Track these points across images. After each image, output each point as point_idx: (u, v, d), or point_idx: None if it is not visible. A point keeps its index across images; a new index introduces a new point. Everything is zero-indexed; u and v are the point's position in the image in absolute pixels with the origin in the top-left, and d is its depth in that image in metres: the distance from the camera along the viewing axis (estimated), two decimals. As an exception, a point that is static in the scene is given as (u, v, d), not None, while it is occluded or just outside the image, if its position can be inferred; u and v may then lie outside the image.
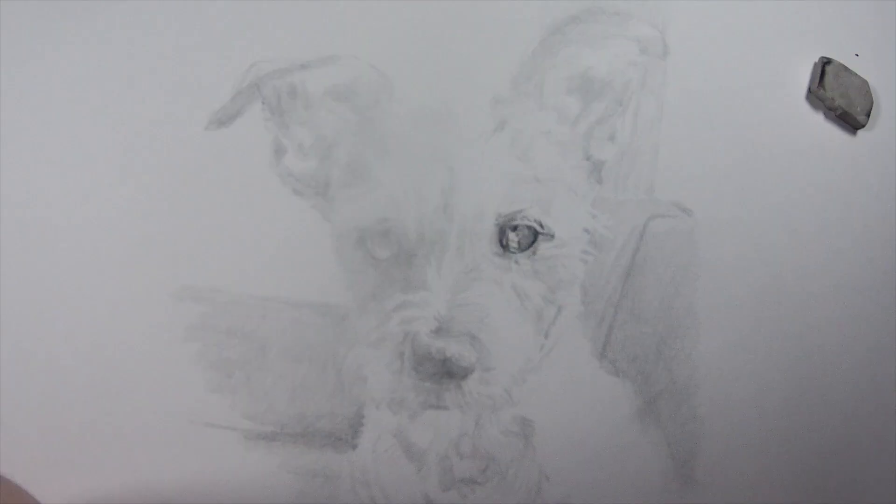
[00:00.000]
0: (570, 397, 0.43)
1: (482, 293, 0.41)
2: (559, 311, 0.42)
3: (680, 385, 0.44)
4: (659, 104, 0.43)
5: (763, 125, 0.44)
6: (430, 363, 0.40)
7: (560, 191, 0.42)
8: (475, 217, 0.41)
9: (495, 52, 0.42)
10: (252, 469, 0.41)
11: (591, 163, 0.42)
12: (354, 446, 0.41)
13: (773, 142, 0.44)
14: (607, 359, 0.43)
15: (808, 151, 0.45)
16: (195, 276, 0.40)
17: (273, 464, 0.41)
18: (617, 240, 0.43)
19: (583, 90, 0.42)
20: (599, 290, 0.43)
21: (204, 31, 0.40)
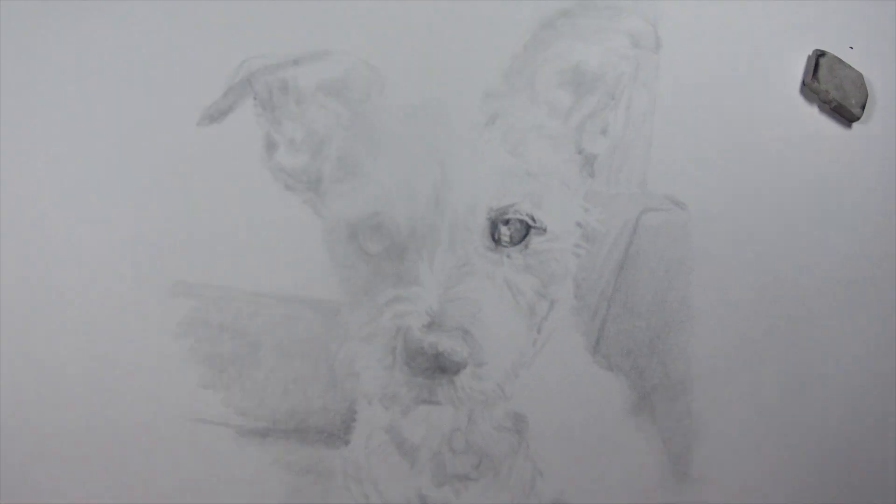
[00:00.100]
0: (564, 392, 0.43)
1: (474, 288, 0.40)
2: (552, 306, 0.42)
3: (674, 380, 0.43)
4: (651, 97, 0.43)
5: (757, 118, 0.44)
6: (422, 358, 0.40)
7: (552, 185, 0.42)
8: (467, 211, 0.41)
9: (487, 46, 0.42)
10: (245, 465, 0.41)
11: (583, 156, 0.42)
12: (347, 442, 0.41)
13: (767, 135, 0.44)
14: (601, 353, 0.43)
15: (803, 144, 0.45)
16: (187, 272, 0.40)
17: (266, 460, 0.41)
18: (609, 233, 0.43)
19: (575, 84, 0.42)
20: (592, 284, 0.43)
21: (196, 27, 0.40)
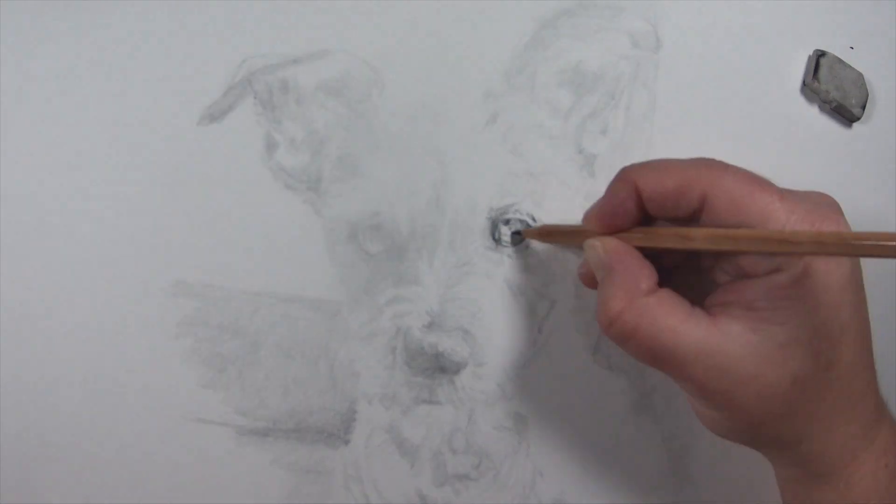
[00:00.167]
0: (564, 392, 0.43)
1: (474, 288, 0.41)
2: (552, 306, 0.42)
3: (675, 380, 0.43)
4: (651, 98, 0.43)
5: (757, 118, 0.44)
6: (422, 358, 0.40)
7: (552, 184, 0.42)
8: (467, 211, 0.41)
9: (487, 45, 0.42)
10: (244, 465, 0.41)
11: (583, 156, 0.42)
12: (347, 442, 0.41)
13: (767, 135, 0.44)
14: (601, 353, 0.43)
15: (803, 144, 0.45)
16: (187, 272, 0.40)
17: (265, 460, 0.41)
18: (610, 233, 0.43)
19: (575, 84, 0.42)
20: (592, 284, 0.43)
21: (196, 26, 0.40)
